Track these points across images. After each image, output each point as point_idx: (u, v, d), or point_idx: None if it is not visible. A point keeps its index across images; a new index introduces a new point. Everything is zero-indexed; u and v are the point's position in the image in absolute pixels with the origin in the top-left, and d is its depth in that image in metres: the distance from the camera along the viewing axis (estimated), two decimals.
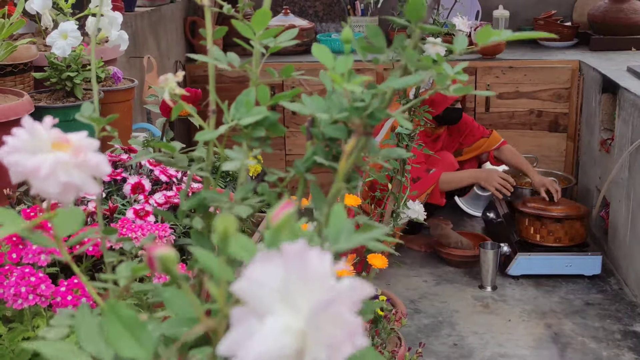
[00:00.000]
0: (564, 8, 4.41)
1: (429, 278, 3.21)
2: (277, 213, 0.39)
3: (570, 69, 3.76)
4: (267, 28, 0.56)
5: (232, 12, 0.63)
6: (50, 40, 1.54)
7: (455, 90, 0.51)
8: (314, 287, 0.33)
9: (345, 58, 0.49)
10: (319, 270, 0.33)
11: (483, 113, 3.85)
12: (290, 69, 0.57)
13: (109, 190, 1.38)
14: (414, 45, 0.48)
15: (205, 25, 0.62)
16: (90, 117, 0.59)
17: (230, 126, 0.52)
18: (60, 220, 0.45)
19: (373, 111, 0.48)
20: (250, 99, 0.52)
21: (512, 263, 3.13)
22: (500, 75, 3.80)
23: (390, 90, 0.49)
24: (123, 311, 0.38)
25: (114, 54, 1.88)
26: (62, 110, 1.60)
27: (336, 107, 0.49)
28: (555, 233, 3.13)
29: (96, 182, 0.41)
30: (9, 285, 0.99)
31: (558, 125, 3.84)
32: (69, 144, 0.41)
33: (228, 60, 0.56)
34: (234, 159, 0.52)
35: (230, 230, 0.38)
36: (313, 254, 0.33)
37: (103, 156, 0.42)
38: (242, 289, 0.33)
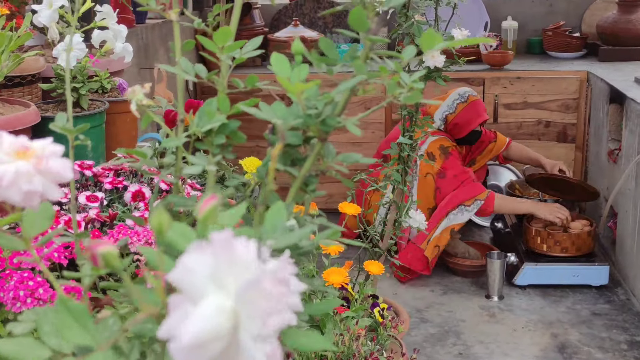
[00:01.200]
0: (573, 19, 4.42)
1: (436, 288, 3.22)
2: (202, 206, 0.42)
3: (579, 80, 3.77)
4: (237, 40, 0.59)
5: (202, 26, 0.66)
6: (56, 52, 1.59)
7: (407, 98, 0.53)
8: (241, 270, 0.36)
9: (299, 68, 0.51)
10: (245, 256, 0.36)
11: (491, 123, 3.86)
12: (254, 79, 0.60)
13: (111, 198, 1.41)
14: (364, 56, 0.50)
15: (174, 39, 0.64)
16: (62, 128, 0.62)
17: (191, 133, 0.55)
18: (28, 220, 0.48)
19: (326, 118, 0.50)
20: (212, 108, 0.55)
21: (519, 273, 3.14)
22: (508, 85, 3.81)
23: (343, 98, 0.51)
24: (73, 305, 0.41)
25: (120, 65, 1.92)
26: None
27: (292, 114, 0.51)
28: (562, 243, 3.13)
29: (58, 188, 0.44)
30: (8, 289, 1.02)
31: (566, 135, 3.85)
32: (32, 152, 0.44)
33: (195, 72, 0.59)
34: (195, 164, 0.54)
35: (164, 224, 0.41)
36: (239, 242, 0.36)
37: (67, 162, 0.45)
38: (176, 277, 0.36)
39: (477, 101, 3.36)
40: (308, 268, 1.73)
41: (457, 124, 3.31)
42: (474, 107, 3.33)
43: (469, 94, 3.35)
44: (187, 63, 0.59)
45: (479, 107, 3.35)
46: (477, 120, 3.32)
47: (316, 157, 0.52)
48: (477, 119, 3.32)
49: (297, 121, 0.50)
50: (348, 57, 0.52)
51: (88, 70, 1.70)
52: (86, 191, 1.39)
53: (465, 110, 3.31)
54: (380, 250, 2.15)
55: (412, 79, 0.53)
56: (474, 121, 3.32)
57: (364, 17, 0.50)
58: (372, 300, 1.97)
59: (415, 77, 0.53)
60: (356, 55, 0.50)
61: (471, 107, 3.32)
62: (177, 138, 0.56)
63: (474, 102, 3.34)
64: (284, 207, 0.44)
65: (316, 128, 0.51)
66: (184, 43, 0.63)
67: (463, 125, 3.32)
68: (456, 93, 3.35)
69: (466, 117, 3.31)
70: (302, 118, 0.51)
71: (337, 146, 3.93)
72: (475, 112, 3.32)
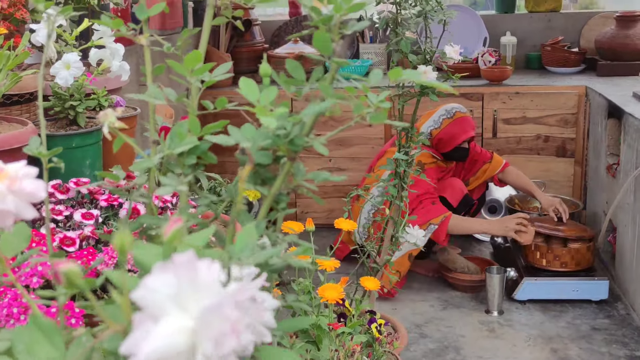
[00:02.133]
0: (571, 34, 4.44)
1: (436, 303, 3.22)
2: (168, 229, 0.44)
3: (577, 95, 3.79)
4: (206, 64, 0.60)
5: (171, 50, 0.68)
6: (54, 71, 1.61)
7: (373, 117, 0.54)
8: (203, 291, 0.37)
9: (267, 90, 0.53)
10: (207, 277, 0.37)
11: (490, 138, 3.88)
12: (224, 101, 0.61)
13: (106, 215, 1.42)
14: (330, 78, 0.52)
15: (145, 63, 0.66)
16: (35, 152, 0.64)
17: (164, 155, 0.56)
18: (5, 241, 0.49)
19: (294, 138, 0.51)
20: (183, 130, 0.57)
21: (518, 288, 3.14)
22: (507, 100, 3.83)
23: (311, 119, 0.52)
24: (43, 322, 0.42)
25: (118, 83, 1.94)
26: (65, 137, 1.65)
27: (262, 135, 0.53)
28: (561, 258, 3.13)
29: (31, 208, 0.45)
30: (2, 306, 1.03)
31: (565, 150, 3.86)
32: (6, 174, 0.45)
33: (165, 95, 0.60)
34: (166, 185, 0.56)
35: (126, 244, 0.42)
36: (202, 263, 0.37)
37: (40, 183, 0.47)
38: (139, 296, 0.37)
39: (464, 118, 3.35)
40: (304, 284, 1.74)
41: (442, 139, 3.31)
42: (460, 123, 3.32)
43: (456, 110, 3.35)
44: (155, 89, 0.61)
45: (464, 124, 3.33)
46: (461, 137, 3.32)
47: (286, 176, 0.53)
48: (461, 135, 3.30)
49: (266, 142, 0.52)
50: (314, 78, 0.53)
51: (85, 88, 1.72)
52: (82, 208, 1.40)
53: (450, 126, 3.31)
54: (377, 265, 2.16)
55: (379, 99, 0.54)
56: (458, 137, 3.31)
57: (327, 40, 0.51)
58: (370, 316, 1.97)
59: (381, 97, 0.54)
60: (322, 77, 0.52)
61: (456, 123, 3.31)
62: (149, 159, 0.57)
63: (460, 119, 3.33)
64: (254, 227, 0.45)
65: (285, 148, 0.52)
66: (154, 67, 0.64)
67: (447, 141, 3.31)
68: (443, 109, 3.35)
69: (451, 133, 3.30)
70: (270, 139, 0.52)
71: (338, 162, 3.94)
72: (461, 129, 3.31)
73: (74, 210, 1.39)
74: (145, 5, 0.69)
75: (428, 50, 1.80)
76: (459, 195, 3.38)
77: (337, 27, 0.53)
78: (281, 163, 0.53)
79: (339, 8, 0.52)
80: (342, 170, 3.96)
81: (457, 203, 3.36)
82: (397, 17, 1.81)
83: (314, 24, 0.54)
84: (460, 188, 3.40)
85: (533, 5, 4.48)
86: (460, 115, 3.34)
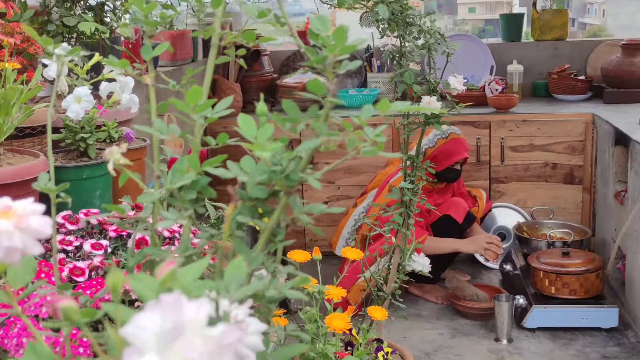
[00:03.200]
0: (578, 62, 4.47)
1: (445, 331, 3.22)
2: (161, 270, 0.46)
3: (584, 122, 3.80)
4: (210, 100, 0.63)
5: (176, 88, 0.71)
6: (66, 104, 1.64)
7: (366, 152, 0.57)
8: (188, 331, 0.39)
9: (264, 128, 0.56)
10: (194, 318, 0.39)
11: (498, 166, 3.89)
12: (225, 137, 0.64)
13: (115, 245, 1.45)
14: (324, 116, 0.54)
15: (150, 101, 0.69)
16: (43, 188, 0.67)
17: (167, 189, 0.59)
18: (12, 274, 0.52)
19: (289, 174, 0.54)
20: (183, 167, 0.59)
21: (527, 315, 3.13)
22: (514, 128, 3.85)
23: (307, 155, 0.55)
24: (42, 349, 0.44)
25: (127, 115, 1.98)
26: (76, 169, 1.69)
27: (259, 170, 0.55)
28: (570, 285, 3.12)
29: (38, 244, 0.48)
30: (12, 336, 1.06)
31: (573, 177, 3.86)
32: (14, 211, 0.48)
33: (170, 131, 0.63)
34: (167, 219, 0.59)
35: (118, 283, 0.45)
36: (189, 304, 0.39)
37: (46, 219, 0.49)
38: (128, 332, 0.39)
39: (459, 139, 3.44)
40: (310, 313, 1.75)
41: (436, 157, 3.37)
42: (454, 144, 3.40)
43: (451, 132, 3.43)
44: (161, 124, 0.64)
45: (459, 145, 3.42)
46: (455, 157, 3.40)
47: (283, 210, 0.56)
48: (455, 155, 3.39)
49: (263, 177, 0.54)
50: (309, 115, 0.56)
51: (96, 121, 1.76)
52: (91, 239, 1.43)
53: (445, 145, 3.39)
54: (384, 294, 2.17)
55: (375, 132, 0.56)
56: (452, 157, 3.39)
57: (319, 85, 0.54)
58: (377, 344, 1.98)
59: (378, 131, 0.56)
60: (317, 115, 0.54)
61: (451, 143, 3.40)
62: (152, 194, 0.60)
63: (455, 140, 3.42)
64: (243, 261, 0.47)
65: (281, 183, 0.54)
66: (159, 105, 0.67)
67: (441, 159, 3.37)
68: None
69: (445, 152, 3.38)
70: (267, 174, 0.54)
71: (346, 189, 3.97)
72: (455, 149, 3.39)
73: (83, 241, 1.41)
74: (150, 47, 0.72)
75: (432, 81, 1.83)
76: (463, 212, 3.46)
77: (331, 67, 0.55)
78: (280, 196, 0.55)
79: (332, 49, 0.55)
80: (350, 198, 3.99)
81: (462, 219, 3.43)
82: (401, 50, 1.85)
83: (309, 65, 0.57)
84: (463, 205, 3.48)
85: (539, 34, 4.52)
86: (455, 137, 3.41)
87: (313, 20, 0.58)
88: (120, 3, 2.25)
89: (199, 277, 0.47)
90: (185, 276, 0.44)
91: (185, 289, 0.43)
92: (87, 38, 2.16)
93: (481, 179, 3.90)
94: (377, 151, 0.56)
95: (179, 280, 0.43)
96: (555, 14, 4.48)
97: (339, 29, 0.54)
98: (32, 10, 2.08)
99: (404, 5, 1.81)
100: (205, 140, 0.63)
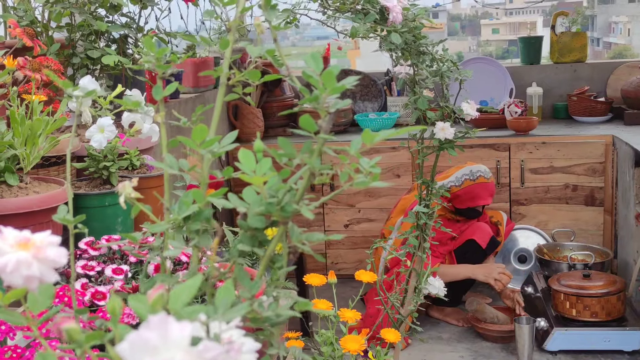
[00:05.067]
0: (598, 84, 4.48)
1: (466, 353, 3.22)
2: (152, 293, 0.51)
3: (604, 144, 3.81)
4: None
5: (187, 125, 0.76)
6: (89, 134, 1.71)
7: (358, 183, 0.60)
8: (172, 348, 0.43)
9: (262, 162, 0.60)
10: (177, 336, 0.44)
11: (518, 188, 3.91)
12: (230, 171, 0.69)
13: (136, 270, 1.50)
14: (317, 152, 0.58)
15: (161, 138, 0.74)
16: (61, 219, 0.72)
17: (172, 221, 0.64)
18: (32, 299, 0.57)
19: (284, 205, 0.58)
20: (189, 199, 0.64)
21: (549, 338, 3.12)
22: (534, 150, 3.87)
23: (302, 188, 0.59)
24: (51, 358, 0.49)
25: (148, 143, 2.05)
26: (99, 196, 1.75)
27: (257, 202, 0.60)
28: (591, 308, 3.12)
29: (54, 272, 0.53)
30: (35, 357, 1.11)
31: (594, 199, 3.86)
32: (32, 243, 0.53)
33: (180, 166, 0.68)
34: (175, 247, 0.63)
35: (117, 308, 0.50)
36: (174, 324, 0.44)
37: (62, 250, 0.54)
38: (121, 349, 0.44)
39: (486, 185, 3.45)
40: (326, 335, 1.79)
41: (459, 196, 3.43)
42: (480, 188, 3.44)
43: (480, 175, 3.45)
44: (171, 159, 0.69)
45: (484, 190, 3.45)
46: (478, 201, 3.45)
47: (280, 239, 0.60)
48: (478, 200, 3.45)
49: (260, 208, 0.59)
50: (304, 151, 0.60)
51: (118, 149, 1.83)
52: (112, 264, 1.48)
53: (471, 188, 3.43)
54: (401, 317, 2.20)
55: (371, 164, 0.60)
56: (475, 200, 3.45)
57: (311, 122, 0.59)
58: None
59: (373, 162, 0.60)
60: (310, 149, 0.59)
61: (477, 187, 3.44)
62: (161, 224, 0.65)
63: (482, 184, 3.44)
64: (231, 285, 0.52)
65: (277, 214, 0.59)
66: (169, 141, 0.73)
67: (464, 200, 3.44)
68: (468, 169, 3.46)
69: (470, 194, 3.43)
70: (264, 205, 0.59)
71: (367, 212, 4.00)
72: (479, 194, 3.44)
73: (105, 266, 1.47)
74: (160, 87, 0.78)
75: (445, 107, 1.88)
76: (487, 237, 3.48)
77: (323, 106, 0.60)
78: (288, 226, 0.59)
79: (322, 90, 0.59)
80: (371, 221, 4.02)
81: (485, 245, 3.44)
82: (415, 77, 1.89)
83: (302, 103, 0.61)
84: (488, 231, 3.49)
85: (558, 56, 4.55)
86: (483, 181, 3.43)
87: (307, 60, 0.62)
88: (142, 35, 2.33)
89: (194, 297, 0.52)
90: (178, 297, 0.48)
91: (176, 311, 0.47)
92: (110, 69, 2.24)
93: (501, 201, 3.92)
94: (369, 182, 0.60)
95: (172, 302, 0.48)
96: (574, 36, 4.50)
97: (328, 73, 0.59)
98: (58, 44, 2.16)
99: (417, 35, 1.86)
100: (212, 174, 0.68)
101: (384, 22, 1.61)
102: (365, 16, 1.55)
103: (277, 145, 0.66)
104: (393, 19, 1.58)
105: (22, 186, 1.64)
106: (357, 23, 1.55)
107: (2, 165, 1.63)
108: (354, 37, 1.72)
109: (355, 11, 1.56)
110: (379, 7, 1.57)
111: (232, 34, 0.78)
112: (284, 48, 0.79)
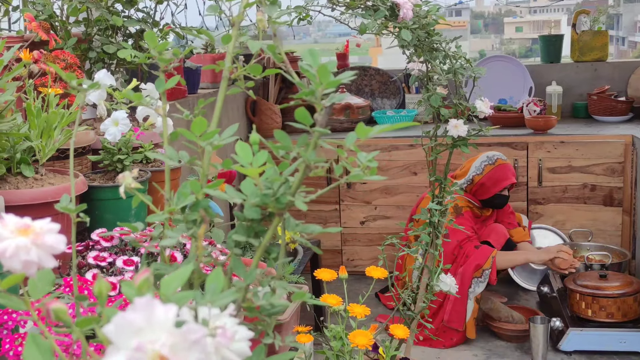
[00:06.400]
0: (618, 83, 4.44)
1: (480, 352, 3.21)
2: (138, 277, 0.52)
3: (624, 144, 3.77)
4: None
5: (189, 117, 0.77)
6: (104, 127, 1.73)
7: (352, 176, 0.61)
8: (157, 330, 0.44)
9: (259, 154, 0.61)
10: (162, 318, 0.45)
11: (536, 187, 3.88)
12: (229, 163, 0.70)
13: (148, 262, 1.52)
14: (313, 145, 0.59)
15: (163, 131, 0.76)
16: (63, 208, 0.73)
17: (170, 211, 0.65)
18: (32, 285, 0.59)
19: (279, 196, 0.59)
20: (187, 190, 0.66)
21: (564, 338, 3.11)
22: (552, 150, 3.84)
23: (297, 179, 0.60)
24: (41, 341, 0.51)
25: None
26: (113, 188, 1.77)
27: (253, 193, 0.61)
28: (607, 308, 3.09)
29: (52, 258, 0.55)
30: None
31: (613, 199, 3.83)
32: (32, 229, 0.55)
33: (179, 158, 0.69)
34: (170, 237, 0.65)
35: (103, 290, 0.51)
36: (159, 306, 0.45)
37: (60, 237, 0.56)
38: (107, 330, 0.45)
39: (506, 165, 3.47)
40: (335, 330, 1.80)
41: (484, 184, 3.42)
42: (502, 170, 3.44)
43: (497, 157, 3.47)
44: (171, 150, 0.70)
45: (506, 171, 3.45)
46: (503, 183, 3.43)
47: (275, 230, 0.61)
48: (504, 181, 3.43)
49: (256, 199, 0.60)
50: (300, 144, 0.61)
51: (132, 143, 1.85)
52: (123, 255, 1.50)
53: (493, 172, 3.43)
54: (413, 313, 2.20)
55: (368, 158, 0.61)
56: (500, 183, 3.43)
57: (306, 115, 0.60)
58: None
59: (370, 156, 0.61)
60: (306, 143, 0.59)
61: (498, 169, 3.44)
62: (161, 214, 0.66)
63: (502, 165, 3.46)
64: (220, 272, 0.53)
65: (272, 205, 0.60)
66: (170, 134, 0.74)
67: (490, 187, 3.42)
68: (485, 155, 3.47)
69: (493, 178, 3.42)
70: (259, 197, 0.60)
71: (383, 209, 4.00)
72: (503, 175, 3.43)
73: (116, 257, 1.49)
74: (163, 80, 0.79)
75: (459, 105, 1.87)
76: (503, 239, 3.46)
77: (319, 100, 0.61)
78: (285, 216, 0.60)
79: (318, 85, 0.60)
80: (388, 218, 4.02)
81: (500, 247, 3.43)
82: (427, 74, 1.89)
83: (298, 97, 0.62)
84: (504, 233, 3.48)
85: (579, 55, 4.51)
86: (502, 162, 3.45)
87: (304, 55, 0.63)
88: (158, 30, 2.35)
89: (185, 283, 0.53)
90: (169, 284, 0.50)
91: (166, 297, 0.49)
92: (127, 63, 2.26)
93: (519, 200, 3.90)
94: (362, 177, 0.61)
95: (163, 287, 0.49)
96: (595, 34, 4.46)
97: (323, 67, 0.59)
98: (75, 39, 2.19)
99: (430, 32, 1.86)
100: (213, 166, 0.69)
101: (394, 18, 1.61)
102: (375, 12, 1.55)
103: None
104: (404, 16, 1.59)
105: (37, 177, 1.67)
106: (367, 19, 1.55)
107: (18, 157, 1.66)
108: (362, 34, 1.73)
109: (365, 7, 1.57)
110: (390, 4, 1.57)
111: (235, 29, 0.79)
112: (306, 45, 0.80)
